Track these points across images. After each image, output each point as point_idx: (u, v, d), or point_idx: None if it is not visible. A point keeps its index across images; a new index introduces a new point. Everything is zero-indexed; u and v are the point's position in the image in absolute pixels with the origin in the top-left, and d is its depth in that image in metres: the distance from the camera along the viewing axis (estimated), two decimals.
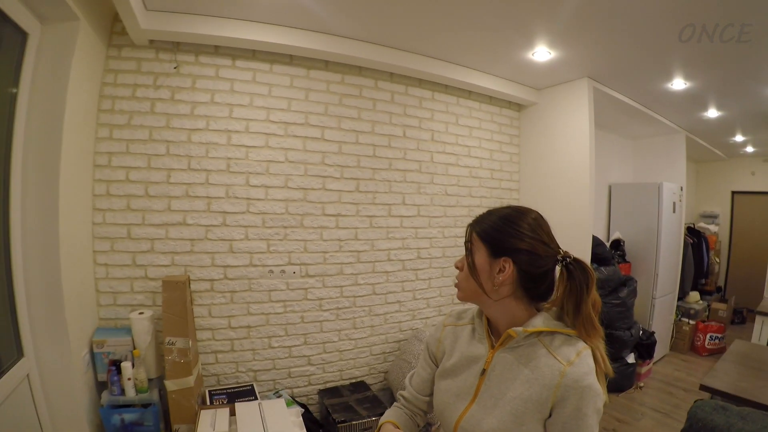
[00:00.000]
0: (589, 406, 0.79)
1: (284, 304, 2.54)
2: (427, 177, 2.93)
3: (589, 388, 0.79)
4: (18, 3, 1.52)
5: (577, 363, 0.81)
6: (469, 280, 0.92)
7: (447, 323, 1.08)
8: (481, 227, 0.93)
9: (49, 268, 1.74)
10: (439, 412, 0.98)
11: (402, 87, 2.82)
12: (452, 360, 0.99)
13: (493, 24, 2.19)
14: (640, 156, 4.77)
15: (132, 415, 1.98)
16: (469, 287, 0.93)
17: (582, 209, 2.95)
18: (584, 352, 0.83)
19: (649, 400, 3.43)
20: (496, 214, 0.94)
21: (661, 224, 3.95)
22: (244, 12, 2.15)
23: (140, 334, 2.08)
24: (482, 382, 0.91)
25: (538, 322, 0.88)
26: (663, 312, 4.16)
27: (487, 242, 0.91)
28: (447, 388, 0.97)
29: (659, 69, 2.72)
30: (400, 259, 2.87)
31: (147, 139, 2.23)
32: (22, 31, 1.61)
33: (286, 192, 2.49)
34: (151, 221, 2.24)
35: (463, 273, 0.94)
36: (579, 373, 0.80)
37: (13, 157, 1.64)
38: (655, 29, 2.17)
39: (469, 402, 0.91)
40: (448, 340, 1.04)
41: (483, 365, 0.92)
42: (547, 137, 3.19)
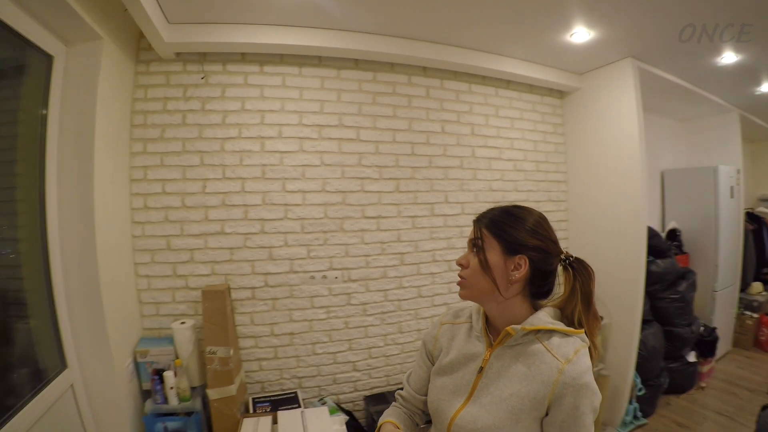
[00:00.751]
0: (586, 404, 0.81)
1: (327, 310, 2.49)
2: (470, 173, 2.81)
3: (586, 386, 0.81)
4: (40, 27, 1.58)
5: (574, 361, 0.82)
6: (479, 278, 0.90)
7: (444, 321, 1.08)
8: (493, 223, 0.92)
9: (88, 281, 1.79)
10: (434, 409, 0.97)
11: (437, 81, 2.70)
12: (449, 357, 0.99)
13: (525, 6, 2.07)
14: (693, 139, 4.47)
15: (175, 423, 2.00)
16: (479, 285, 0.91)
17: (635, 199, 2.76)
18: (582, 350, 0.85)
19: (711, 401, 3.23)
20: (504, 210, 0.94)
21: (719, 211, 3.70)
22: (266, 17, 2.12)
23: (182, 344, 2.11)
24: (479, 379, 0.91)
25: (538, 321, 0.89)
26: (724, 305, 3.89)
27: (500, 239, 0.90)
28: (443, 385, 0.97)
29: (706, 43, 2.50)
30: (446, 259, 2.76)
31: (181, 151, 2.24)
32: (47, 54, 1.65)
33: (324, 196, 2.44)
34: (189, 232, 2.25)
35: (470, 271, 0.92)
36: (577, 371, 0.81)
37: (48, 176, 1.70)
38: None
39: (464, 400, 0.91)
40: (444, 338, 1.04)
41: (480, 363, 0.93)
42: (593, 124, 3.01)
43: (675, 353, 3.28)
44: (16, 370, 1.54)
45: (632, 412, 2.88)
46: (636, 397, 2.90)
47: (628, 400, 2.86)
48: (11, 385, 1.48)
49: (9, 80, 1.62)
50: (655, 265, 3.16)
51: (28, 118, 1.66)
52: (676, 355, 3.30)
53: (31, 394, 1.49)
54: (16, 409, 1.38)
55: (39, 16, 1.53)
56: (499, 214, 0.94)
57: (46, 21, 1.57)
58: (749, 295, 4.40)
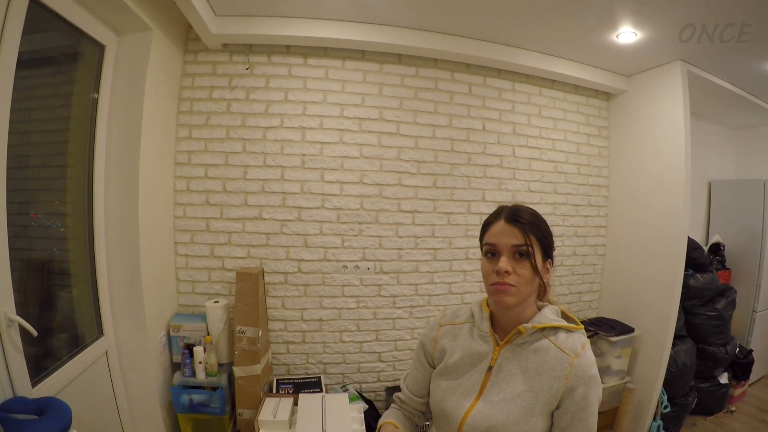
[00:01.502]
0: (594, 394, 0.86)
1: (357, 300, 2.53)
2: (509, 172, 2.78)
3: (595, 377, 0.86)
4: (94, 19, 1.66)
5: (583, 355, 0.87)
6: (529, 284, 0.90)
7: (443, 323, 1.07)
8: (536, 228, 0.91)
9: (129, 257, 1.89)
10: (440, 411, 0.96)
11: (480, 78, 2.66)
12: (453, 359, 0.98)
13: (572, 5, 2.02)
14: (744, 149, 4.24)
15: (200, 396, 2.10)
16: (527, 291, 0.90)
17: (677, 208, 2.65)
18: (587, 344, 0.91)
19: (739, 426, 3.10)
20: (533, 213, 0.95)
21: (766, 227, 3.51)
22: (312, 11, 2.15)
23: (214, 322, 2.19)
24: (488, 378, 0.92)
25: (546, 318, 0.92)
26: (764, 327, 3.71)
27: (542, 243, 0.91)
28: (449, 387, 0.96)
29: (763, 46, 2.36)
30: (480, 258, 2.73)
31: (224, 138, 2.31)
32: (100, 43, 1.74)
33: (361, 188, 2.47)
34: (228, 215, 2.33)
35: (518, 278, 0.89)
36: (586, 364, 0.86)
37: (96, 155, 1.80)
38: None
39: (473, 399, 0.92)
40: (445, 340, 1.03)
41: (489, 362, 0.93)
42: (639, 128, 2.90)
43: (706, 373, 3.17)
44: (57, 334, 1.65)
45: (656, 429, 2.81)
46: (661, 414, 2.83)
47: (652, 416, 2.79)
48: (53, 347, 1.59)
49: (64, 66, 1.70)
50: (694, 279, 3.04)
51: (80, 102, 1.75)
52: (708, 375, 3.18)
53: (68, 356, 1.60)
54: (53, 368, 1.49)
55: (92, 7, 1.62)
56: (533, 217, 0.93)
57: (98, 12, 1.66)
58: None
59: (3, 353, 1.19)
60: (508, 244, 0.89)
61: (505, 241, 0.90)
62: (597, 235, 3.11)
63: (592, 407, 0.85)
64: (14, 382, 1.22)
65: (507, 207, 0.96)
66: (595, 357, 0.90)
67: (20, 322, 1.23)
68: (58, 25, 1.51)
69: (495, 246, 0.91)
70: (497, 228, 0.92)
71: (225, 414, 2.13)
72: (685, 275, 3.00)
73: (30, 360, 1.29)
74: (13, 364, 1.22)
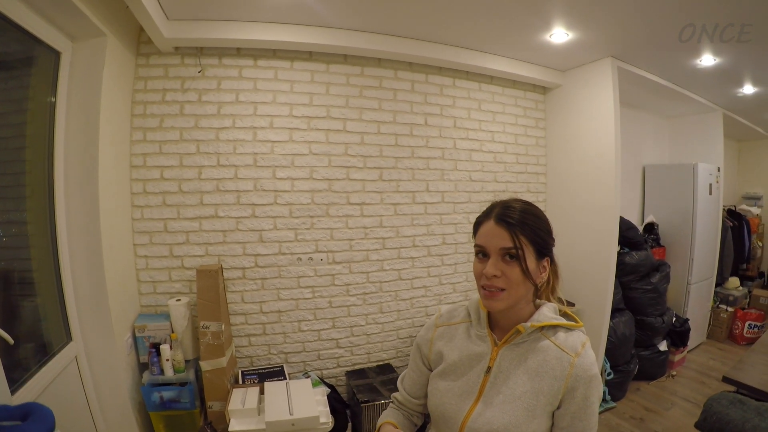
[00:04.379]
0: (594, 394, 0.85)
1: (312, 290, 2.64)
2: (451, 164, 2.94)
3: (595, 377, 0.85)
4: (48, 25, 1.66)
5: (583, 354, 0.86)
6: (519, 288, 0.87)
7: (439, 324, 1.05)
8: (527, 228, 0.86)
9: (93, 261, 1.91)
10: (439, 413, 0.94)
11: (422, 75, 2.82)
12: (451, 360, 0.97)
13: (506, 7, 2.16)
14: (676, 136, 4.57)
15: (170, 392, 2.14)
16: (517, 295, 0.88)
17: (609, 191, 2.88)
18: (587, 343, 0.89)
19: (680, 389, 3.36)
20: (525, 211, 0.89)
21: (697, 207, 3.81)
22: (261, 14, 2.22)
23: (177, 319, 2.24)
24: (487, 380, 0.90)
25: (545, 317, 0.91)
26: (699, 298, 4.02)
27: (534, 244, 0.87)
28: (447, 388, 0.94)
29: (685, 45, 2.59)
30: (426, 245, 2.91)
31: (178, 140, 2.36)
32: (55, 50, 1.75)
33: (312, 183, 2.58)
34: (185, 215, 2.39)
35: (508, 281, 0.86)
36: (587, 364, 0.85)
37: (56, 161, 1.80)
38: (676, 2, 2.07)
39: (473, 401, 0.90)
40: (442, 341, 1.02)
41: (487, 363, 0.92)
42: (574, 119, 3.13)
43: (646, 341, 3.42)
44: (27, 342, 1.64)
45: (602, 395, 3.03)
46: (606, 381, 3.05)
47: None
48: (24, 356, 1.58)
49: (19, 72, 1.69)
50: (630, 256, 3.28)
51: (37, 108, 1.75)
52: (648, 344, 3.44)
53: (41, 363, 1.60)
54: (28, 376, 1.49)
55: (47, 14, 1.61)
56: (524, 215, 0.88)
57: (53, 19, 1.65)
58: (726, 290, 4.52)
59: None
60: (497, 247, 0.86)
61: (494, 243, 0.87)
62: None
63: (593, 407, 0.84)
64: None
65: (498, 205, 0.92)
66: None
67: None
68: (12, 31, 1.49)
69: (484, 248, 0.88)
70: (487, 228, 0.89)
71: (195, 408, 2.18)
72: (621, 253, 3.24)
73: (5, 369, 1.29)
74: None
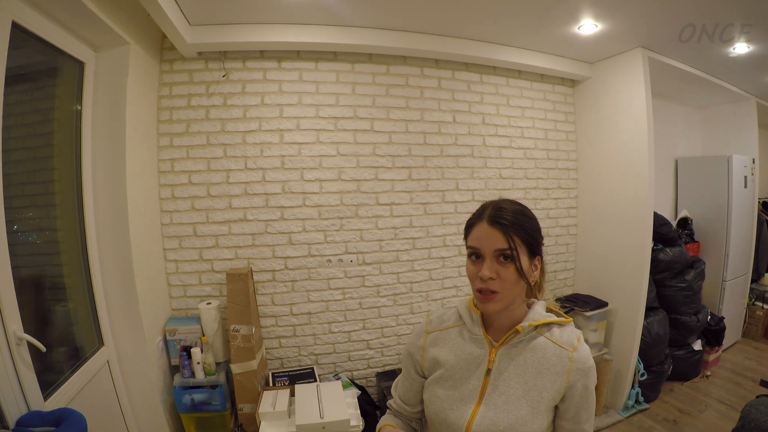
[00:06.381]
0: (592, 383, 0.90)
1: (343, 292, 2.63)
2: (480, 161, 2.89)
3: (592, 368, 0.90)
4: (71, 37, 1.68)
5: (579, 348, 0.89)
6: (513, 288, 0.87)
7: (430, 330, 1.02)
8: (520, 228, 0.87)
9: (123, 267, 1.94)
10: (440, 420, 0.92)
11: (448, 72, 2.77)
12: (447, 365, 0.95)
13: (532, 0, 2.12)
14: (709, 126, 4.41)
15: (201, 395, 2.17)
16: (512, 295, 0.88)
17: (642, 186, 2.79)
18: (581, 336, 0.93)
19: (715, 390, 3.26)
20: (518, 212, 0.89)
21: (732, 201, 3.67)
22: (282, 16, 2.21)
23: (208, 323, 2.26)
24: (487, 382, 0.90)
25: (539, 315, 0.92)
26: (734, 296, 3.90)
27: (527, 243, 0.87)
28: (446, 395, 0.93)
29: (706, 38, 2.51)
30: (456, 244, 2.87)
31: (205, 144, 2.38)
32: (78, 61, 1.76)
33: (340, 184, 2.56)
34: (214, 219, 2.40)
35: (503, 283, 0.85)
36: (584, 357, 0.89)
37: (84, 169, 1.84)
38: None
39: (475, 404, 0.89)
40: (436, 348, 0.99)
41: (487, 365, 0.91)
42: (604, 112, 3.04)
43: (680, 341, 3.33)
44: (60, 347, 1.69)
45: (634, 397, 2.96)
46: (639, 382, 2.98)
47: (630, 384, 2.95)
48: (57, 361, 1.63)
49: (44, 83, 1.72)
50: (663, 253, 3.19)
51: (64, 117, 1.78)
52: (682, 343, 3.34)
53: (73, 368, 1.64)
54: (61, 381, 1.53)
55: (69, 26, 1.64)
56: (517, 216, 0.88)
57: (75, 30, 1.68)
58: (762, 286, 4.35)
59: (15, 370, 1.24)
60: (491, 249, 0.86)
61: (488, 245, 0.86)
62: (568, 216, 3.25)
63: (592, 394, 0.89)
64: (27, 397, 1.27)
65: (490, 206, 0.91)
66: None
67: (29, 339, 1.28)
68: (36, 45, 1.52)
69: (478, 250, 0.88)
70: (480, 230, 0.88)
71: (226, 410, 2.21)
72: (655, 249, 3.15)
73: (37, 375, 1.33)
74: (25, 381, 1.26)
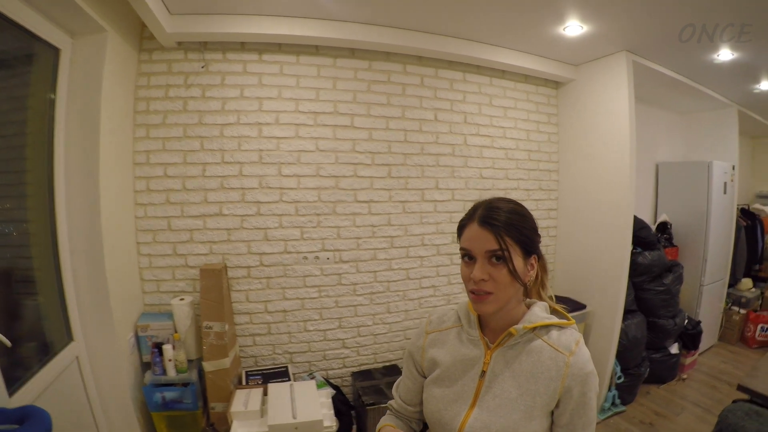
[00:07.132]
0: (591, 390, 0.85)
1: (319, 289, 2.60)
2: (461, 160, 2.88)
3: (591, 374, 0.85)
4: (47, 22, 1.63)
5: (577, 352, 0.86)
6: (507, 289, 0.85)
7: (429, 330, 1.03)
8: (513, 228, 0.85)
9: (94, 259, 1.89)
10: (435, 420, 0.94)
11: (431, 70, 2.75)
12: (444, 366, 0.96)
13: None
14: (691, 132, 4.46)
15: (172, 393, 2.12)
16: (506, 296, 0.86)
17: (623, 190, 2.80)
18: (581, 340, 0.89)
19: (691, 393, 3.30)
20: (511, 211, 0.88)
21: (711, 206, 3.72)
22: (265, 7, 2.17)
23: (181, 319, 2.21)
24: (481, 384, 0.89)
25: (536, 317, 0.90)
26: (712, 300, 3.95)
27: (520, 243, 0.86)
28: (442, 395, 0.93)
29: (703, 40, 2.52)
30: (435, 243, 2.85)
31: (182, 136, 2.32)
32: (54, 47, 1.71)
33: (318, 180, 2.53)
34: (189, 213, 2.35)
35: (496, 284, 0.84)
36: (582, 362, 0.85)
37: (56, 159, 1.78)
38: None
39: (469, 406, 0.89)
40: (434, 348, 1.00)
41: (481, 367, 0.91)
42: (587, 115, 3.04)
43: (658, 344, 3.35)
44: (28, 342, 1.64)
45: (611, 399, 2.98)
46: (615, 384, 2.99)
47: (607, 386, 2.96)
48: (25, 356, 1.57)
49: (18, 69, 1.67)
50: (642, 256, 3.21)
51: (37, 106, 1.73)
52: (659, 346, 3.37)
53: (41, 363, 1.59)
54: (27, 377, 1.49)
55: (45, 11, 1.58)
56: (508, 215, 0.87)
57: (52, 15, 1.63)
58: (738, 291, 4.41)
59: None
60: (482, 250, 0.85)
61: (479, 246, 0.85)
62: (548, 218, 3.26)
63: (591, 402, 0.85)
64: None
65: (482, 206, 0.90)
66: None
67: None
68: (10, 29, 1.47)
69: (469, 251, 0.87)
70: (471, 231, 0.87)
71: (198, 409, 2.17)
72: (634, 253, 3.17)
73: (3, 370, 1.29)
74: None
